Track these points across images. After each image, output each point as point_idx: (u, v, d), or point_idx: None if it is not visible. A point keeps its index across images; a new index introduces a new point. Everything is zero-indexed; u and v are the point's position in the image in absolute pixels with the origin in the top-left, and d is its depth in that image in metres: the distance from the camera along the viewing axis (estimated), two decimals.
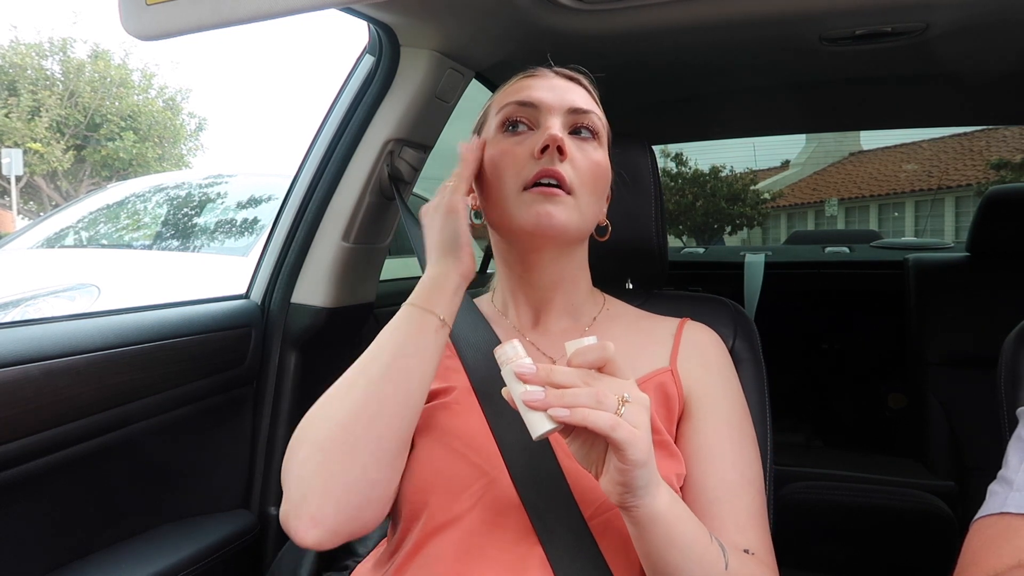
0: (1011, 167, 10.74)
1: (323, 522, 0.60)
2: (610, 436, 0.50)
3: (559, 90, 0.74)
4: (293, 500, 0.61)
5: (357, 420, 0.62)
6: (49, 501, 0.87)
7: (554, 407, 0.51)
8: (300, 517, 0.60)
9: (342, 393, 0.64)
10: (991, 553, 0.57)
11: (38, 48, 14.73)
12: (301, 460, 0.62)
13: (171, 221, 3.03)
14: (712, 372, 0.76)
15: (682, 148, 9.78)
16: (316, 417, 0.64)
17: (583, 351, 0.54)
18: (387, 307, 1.49)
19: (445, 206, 0.69)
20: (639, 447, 0.51)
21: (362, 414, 0.62)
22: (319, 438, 0.62)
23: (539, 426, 0.52)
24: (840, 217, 13.92)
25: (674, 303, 0.94)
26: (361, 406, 0.62)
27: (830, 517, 1.52)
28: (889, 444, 2.17)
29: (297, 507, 0.60)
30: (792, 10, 1.09)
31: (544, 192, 0.69)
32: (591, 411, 0.50)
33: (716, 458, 0.69)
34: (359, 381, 0.64)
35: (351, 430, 0.61)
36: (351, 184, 1.14)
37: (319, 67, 59.21)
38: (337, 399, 0.64)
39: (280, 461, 1.16)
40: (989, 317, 1.37)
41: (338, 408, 0.63)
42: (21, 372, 0.78)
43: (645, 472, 0.52)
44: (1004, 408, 0.84)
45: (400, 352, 0.64)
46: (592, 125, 0.74)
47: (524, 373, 0.53)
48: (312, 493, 0.60)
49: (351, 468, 0.61)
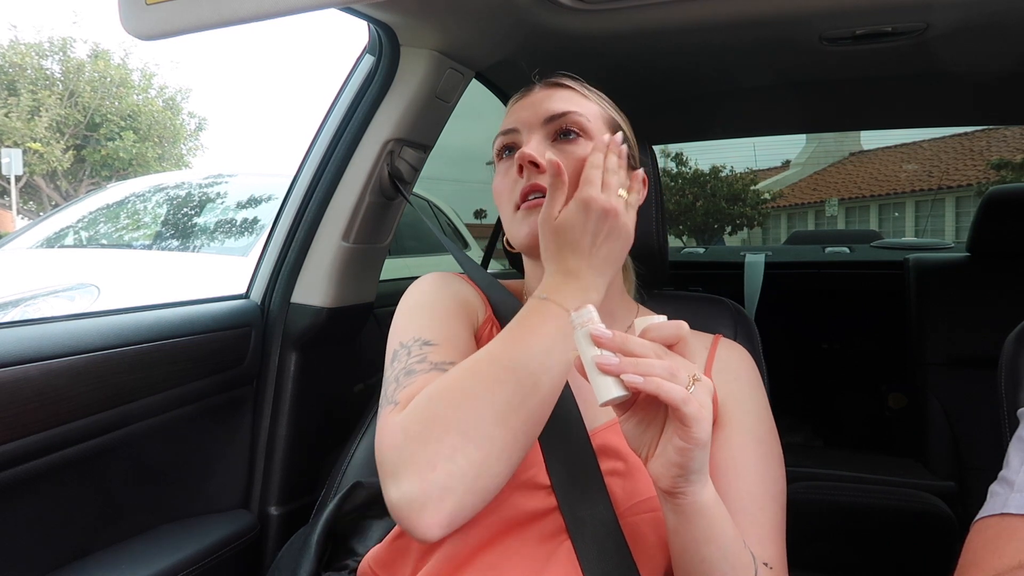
0: (1011, 167, 10.75)
1: (458, 520, 0.56)
2: (681, 409, 0.50)
3: (536, 104, 0.76)
4: (431, 492, 0.54)
5: (518, 413, 0.58)
6: (49, 501, 0.87)
7: (628, 373, 0.51)
8: (438, 512, 0.54)
9: (502, 377, 0.59)
10: (992, 553, 0.57)
11: (38, 48, 14.75)
12: (449, 450, 0.55)
13: (171, 221, 3.03)
14: (744, 388, 0.76)
15: (682, 148, 9.80)
16: (463, 404, 0.58)
17: (658, 326, 0.54)
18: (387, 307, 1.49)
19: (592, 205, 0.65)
20: (704, 426, 0.51)
21: (522, 407, 0.58)
22: (468, 428, 0.56)
23: (609, 391, 0.52)
24: (840, 217, 13.93)
25: (674, 303, 0.94)
26: (526, 397, 0.58)
27: (830, 517, 1.53)
28: (889, 444, 2.17)
29: (437, 501, 0.54)
30: (792, 10, 1.09)
31: (531, 206, 0.72)
32: (665, 381, 0.50)
33: (743, 470, 0.69)
34: (520, 371, 0.59)
35: (510, 424, 0.57)
36: (351, 184, 1.14)
37: (319, 67, 59.22)
38: (497, 383, 0.58)
39: (280, 461, 1.15)
40: (989, 317, 1.38)
41: (502, 397, 0.58)
42: (21, 372, 0.78)
43: (703, 455, 0.52)
44: (1004, 408, 0.84)
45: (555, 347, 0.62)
46: (574, 124, 0.74)
47: (601, 337, 0.52)
48: (458, 489, 0.55)
49: (506, 464, 0.57)
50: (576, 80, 0.79)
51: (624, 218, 0.66)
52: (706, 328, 0.86)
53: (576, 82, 0.79)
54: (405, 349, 0.68)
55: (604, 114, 0.77)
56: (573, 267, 0.65)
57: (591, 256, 0.65)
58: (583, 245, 0.64)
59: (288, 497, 1.17)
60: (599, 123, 0.76)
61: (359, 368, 1.42)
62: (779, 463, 0.73)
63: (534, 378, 0.59)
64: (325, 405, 1.26)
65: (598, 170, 0.66)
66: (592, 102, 0.77)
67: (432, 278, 0.79)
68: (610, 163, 0.67)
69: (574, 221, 0.64)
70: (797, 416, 2.38)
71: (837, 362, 2.45)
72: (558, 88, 0.77)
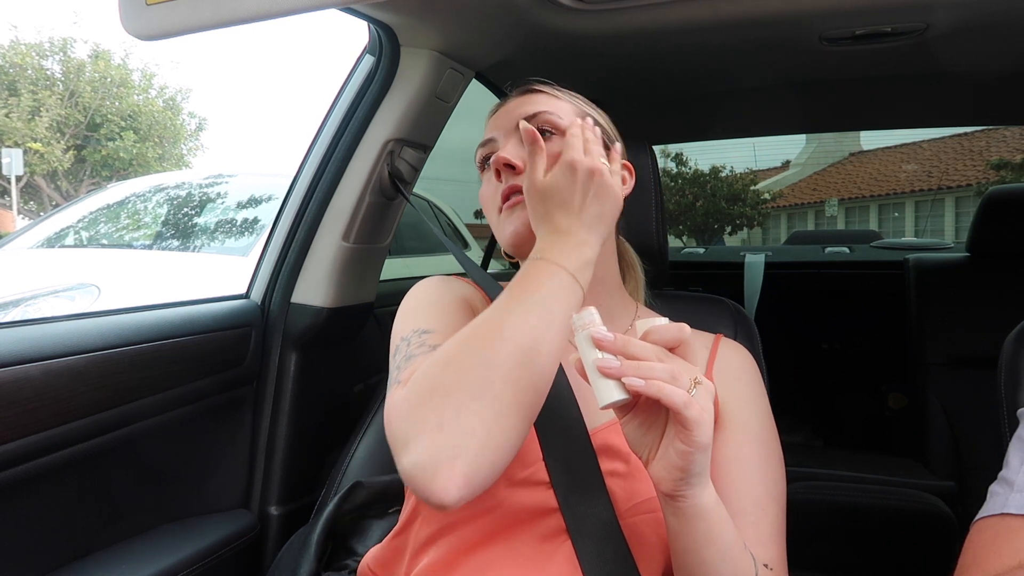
0: (1011, 167, 10.75)
1: (476, 483, 0.53)
2: (682, 413, 0.50)
3: (510, 110, 0.78)
4: (441, 453, 0.52)
5: (524, 368, 0.55)
6: (49, 501, 0.87)
7: (630, 376, 0.50)
8: (452, 472, 0.52)
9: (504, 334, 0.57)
10: (992, 553, 0.58)
11: (38, 48, 14.75)
12: (455, 409, 0.53)
13: (171, 221, 3.03)
14: (745, 388, 0.77)
15: (682, 148, 9.79)
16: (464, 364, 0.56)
17: (660, 329, 0.54)
18: (387, 307, 1.49)
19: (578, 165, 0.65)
20: (706, 429, 0.51)
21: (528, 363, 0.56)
22: (472, 386, 0.54)
23: (610, 394, 0.52)
24: (840, 217, 13.93)
25: (674, 303, 0.94)
26: (529, 351, 0.56)
27: (830, 517, 1.52)
28: (889, 444, 2.17)
29: (449, 461, 0.52)
30: (792, 10, 1.09)
31: (512, 204, 0.73)
32: (667, 385, 0.50)
33: (744, 471, 0.69)
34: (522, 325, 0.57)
35: (516, 380, 0.55)
36: (351, 184, 1.14)
37: (319, 67, 59.22)
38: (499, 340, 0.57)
39: (280, 460, 1.15)
40: (989, 317, 1.37)
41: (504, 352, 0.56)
42: (21, 372, 0.78)
43: (704, 458, 0.52)
44: (1004, 408, 0.84)
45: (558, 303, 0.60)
46: (547, 123, 0.75)
47: (602, 339, 0.52)
48: (470, 446, 0.53)
49: (516, 421, 0.55)
50: (548, 84, 0.81)
51: (609, 179, 0.66)
52: (706, 328, 0.86)
53: (547, 85, 0.80)
54: (405, 341, 0.68)
55: (576, 110, 0.78)
56: (564, 226, 0.64)
57: (581, 213, 0.64)
58: (573, 204, 0.64)
59: (288, 497, 1.17)
60: (572, 119, 0.76)
61: (359, 368, 1.42)
62: (780, 464, 0.73)
63: (535, 332, 0.57)
64: (325, 405, 1.26)
65: (578, 138, 0.67)
66: (564, 101, 0.79)
67: (431, 281, 0.79)
68: (588, 135, 0.68)
69: (560, 182, 0.64)
70: (797, 416, 2.38)
71: (837, 362, 2.44)
72: (530, 93, 0.79)
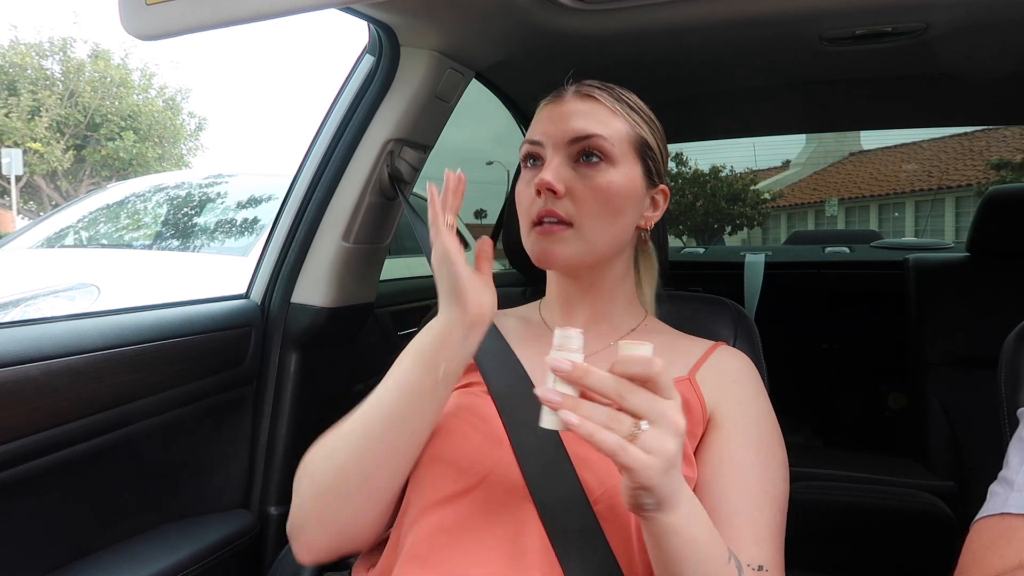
0: (1011, 167, 10.76)
1: (317, 551, 0.68)
2: (614, 459, 0.49)
3: (565, 119, 0.75)
4: (294, 525, 0.69)
5: (353, 467, 0.65)
6: (49, 501, 0.87)
7: (566, 412, 0.50)
8: (297, 542, 0.69)
9: (344, 434, 0.67)
10: (992, 554, 0.57)
11: (38, 48, 14.75)
12: (301, 493, 0.68)
13: (171, 221, 3.03)
14: (743, 391, 0.76)
15: (682, 148, 9.79)
16: (317, 456, 0.69)
17: (627, 361, 0.51)
18: (387, 307, 1.48)
19: (437, 253, 0.64)
20: (646, 473, 0.49)
21: (358, 463, 0.65)
22: (316, 477, 0.67)
23: (548, 420, 0.52)
24: (840, 217, 13.94)
25: (674, 303, 0.94)
26: (358, 454, 0.65)
27: (830, 517, 1.52)
28: (889, 444, 2.17)
29: (296, 533, 0.69)
30: (792, 10, 1.09)
31: (544, 232, 0.74)
32: (600, 429, 0.49)
33: (740, 472, 0.69)
34: (357, 428, 0.66)
35: (346, 476, 0.65)
36: (351, 184, 1.14)
37: (319, 67, 59.20)
38: (339, 440, 0.67)
39: (280, 460, 1.16)
40: (989, 317, 1.37)
41: (337, 451, 0.67)
42: (21, 372, 0.78)
43: (662, 490, 0.51)
44: (1004, 408, 0.84)
45: (401, 403, 0.65)
46: (597, 148, 0.74)
47: (558, 368, 0.51)
48: (308, 524, 0.67)
49: (343, 510, 0.66)
50: (608, 92, 0.78)
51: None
52: (706, 328, 0.86)
53: (607, 94, 0.77)
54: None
55: (631, 133, 0.77)
56: None
57: None
58: None
59: (288, 497, 1.16)
60: (624, 146, 0.76)
61: (359, 368, 1.42)
62: (781, 465, 0.73)
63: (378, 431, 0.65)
64: (325, 405, 1.26)
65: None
66: (620, 118, 0.76)
67: None
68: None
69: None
70: (797, 416, 2.38)
71: (837, 362, 2.44)
72: (588, 100, 0.77)
